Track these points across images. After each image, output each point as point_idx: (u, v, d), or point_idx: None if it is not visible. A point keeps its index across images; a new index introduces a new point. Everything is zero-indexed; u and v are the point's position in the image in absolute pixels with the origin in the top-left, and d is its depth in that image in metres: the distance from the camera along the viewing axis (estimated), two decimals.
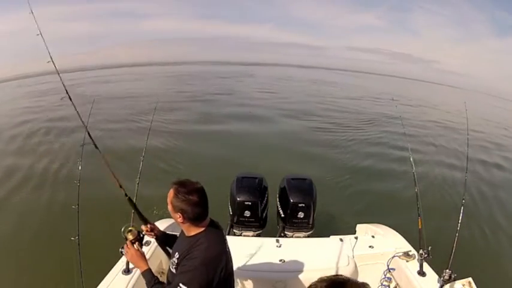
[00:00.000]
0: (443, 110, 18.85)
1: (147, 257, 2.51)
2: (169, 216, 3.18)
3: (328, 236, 2.89)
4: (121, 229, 1.88)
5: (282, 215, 3.21)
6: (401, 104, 18.79)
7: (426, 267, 2.46)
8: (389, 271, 2.59)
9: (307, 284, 2.71)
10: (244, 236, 3.16)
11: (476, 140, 10.45)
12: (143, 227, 1.92)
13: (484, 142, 10.92)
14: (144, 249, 2.57)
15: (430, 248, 2.39)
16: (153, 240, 2.69)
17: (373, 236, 2.94)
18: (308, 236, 3.18)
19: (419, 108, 18.00)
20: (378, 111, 15.12)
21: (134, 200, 2.63)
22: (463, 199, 2.52)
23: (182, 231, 1.69)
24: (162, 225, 2.91)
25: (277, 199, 3.33)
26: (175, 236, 1.92)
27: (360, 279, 2.64)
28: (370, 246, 2.77)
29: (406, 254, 2.57)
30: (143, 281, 2.44)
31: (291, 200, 3.10)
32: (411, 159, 3.03)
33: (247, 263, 2.53)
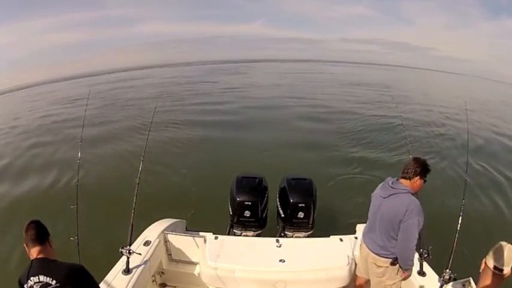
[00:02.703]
0: (444, 104, 18.72)
1: (147, 257, 2.51)
2: (169, 216, 3.20)
3: (328, 236, 2.89)
4: None
5: (282, 215, 3.21)
6: (400, 99, 18.70)
7: (426, 267, 2.47)
8: None
9: (307, 284, 2.72)
10: (244, 236, 3.16)
11: (477, 135, 10.37)
12: None
13: (486, 138, 10.79)
14: (144, 249, 2.57)
15: (430, 248, 2.39)
16: (152, 239, 2.70)
17: None
18: (308, 236, 3.18)
19: (419, 104, 17.84)
20: (377, 109, 15.08)
21: (134, 200, 2.64)
22: (463, 199, 2.52)
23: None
24: (162, 225, 2.91)
25: (277, 199, 3.32)
26: None
27: None
28: None
29: None
30: (143, 281, 2.45)
31: (291, 200, 3.10)
32: (411, 158, 3.03)
33: (247, 263, 2.53)
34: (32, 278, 1.49)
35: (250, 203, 3.09)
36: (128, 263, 2.34)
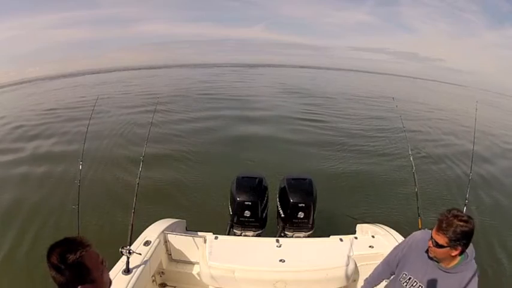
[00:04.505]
0: (445, 109, 18.77)
1: (147, 257, 2.51)
2: (169, 216, 3.20)
3: (328, 236, 2.88)
4: None
5: (282, 215, 3.20)
6: (402, 103, 18.77)
7: None
8: None
9: (307, 284, 2.72)
10: (244, 236, 3.16)
11: (481, 140, 10.34)
12: None
13: (491, 144, 10.75)
14: (144, 249, 2.57)
15: None
16: (152, 239, 2.70)
17: (373, 236, 2.94)
18: (308, 236, 3.17)
19: (420, 108, 17.94)
20: (378, 110, 15.12)
21: (134, 200, 2.65)
22: (466, 199, 2.50)
23: None
24: (162, 225, 2.91)
25: (277, 199, 3.32)
26: None
27: (360, 279, 2.64)
28: (370, 246, 2.77)
29: None
30: (143, 281, 2.45)
31: (291, 200, 3.09)
32: (411, 159, 3.04)
33: (247, 263, 2.53)
34: None
35: (250, 203, 3.09)
36: (128, 263, 2.34)
